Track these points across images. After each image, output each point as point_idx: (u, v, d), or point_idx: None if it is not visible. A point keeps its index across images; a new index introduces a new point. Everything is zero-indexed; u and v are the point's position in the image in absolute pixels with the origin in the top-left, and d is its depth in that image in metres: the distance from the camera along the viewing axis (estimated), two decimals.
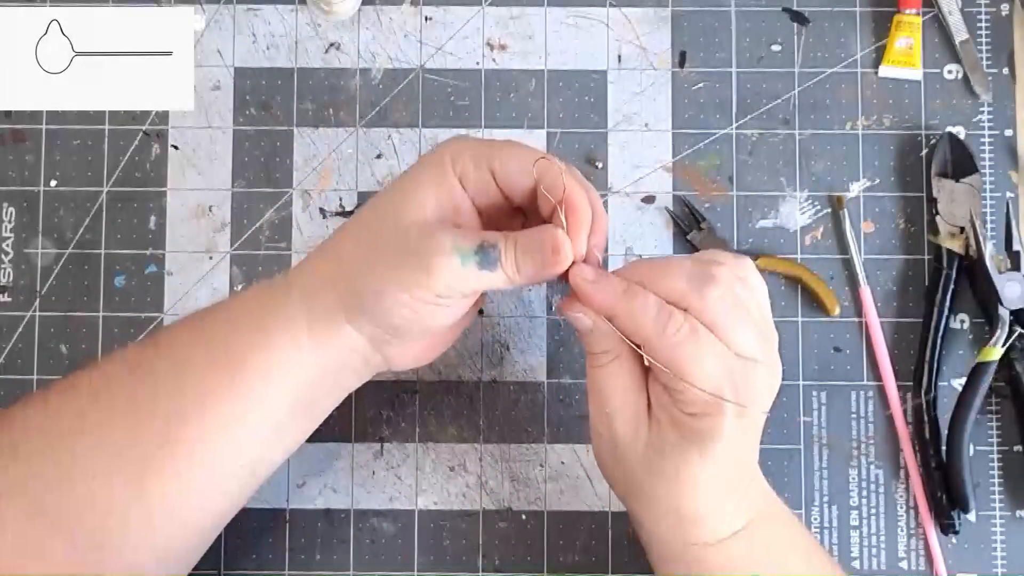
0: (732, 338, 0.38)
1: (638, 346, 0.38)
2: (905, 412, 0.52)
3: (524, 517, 0.52)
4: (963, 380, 0.51)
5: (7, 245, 0.53)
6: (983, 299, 0.51)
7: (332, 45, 0.54)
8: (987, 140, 0.53)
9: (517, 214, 0.43)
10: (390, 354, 0.42)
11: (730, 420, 0.38)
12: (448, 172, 0.40)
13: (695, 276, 0.38)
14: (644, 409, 0.39)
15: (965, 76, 0.54)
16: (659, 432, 0.39)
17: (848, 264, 0.53)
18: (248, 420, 0.40)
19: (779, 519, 0.43)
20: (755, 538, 0.41)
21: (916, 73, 0.54)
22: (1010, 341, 0.50)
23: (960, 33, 0.53)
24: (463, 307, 0.40)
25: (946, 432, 0.51)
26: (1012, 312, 0.50)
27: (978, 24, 0.54)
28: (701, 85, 0.54)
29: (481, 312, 0.53)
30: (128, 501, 0.39)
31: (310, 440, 0.45)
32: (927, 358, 0.51)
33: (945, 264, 0.52)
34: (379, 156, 0.54)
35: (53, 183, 0.54)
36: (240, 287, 0.53)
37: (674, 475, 0.39)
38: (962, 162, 0.52)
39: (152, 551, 0.40)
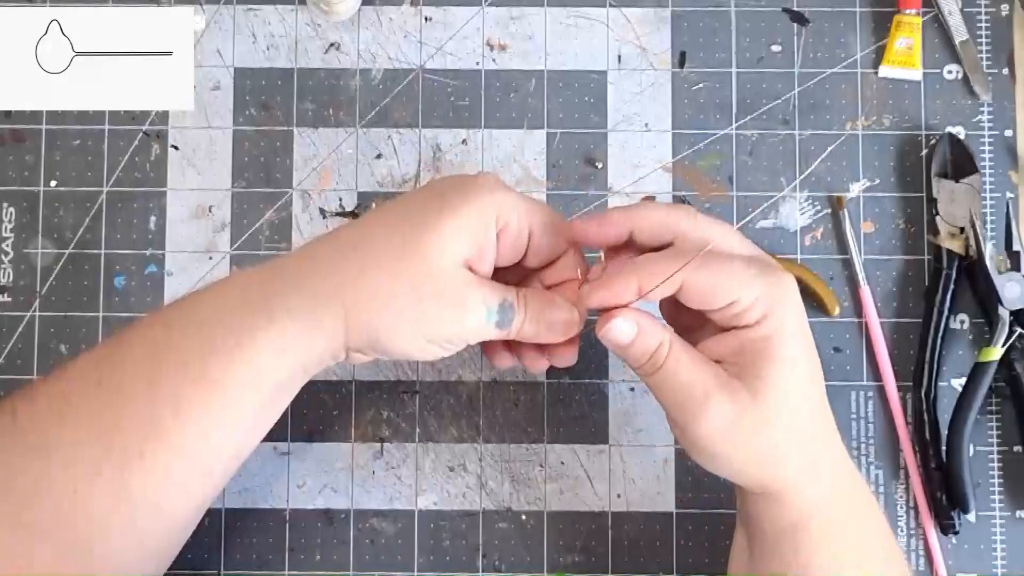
0: (730, 245, 0.39)
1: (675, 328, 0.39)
2: (905, 412, 0.52)
3: (524, 517, 0.52)
4: (963, 380, 0.51)
5: (7, 245, 0.53)
6: (983, 299, 0.51)
7: (332, 45, 0.54)
8: (987, 140, 0.53)
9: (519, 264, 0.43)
10: (362, 359, 0.41)
11: (789, 304, 0.38)
12: (493, 227, 0.39)
13: (672, 205, 0.40)
14: (724, 372, 0.38)
15: (965, 76, 0.54)
16: (751, 373, 0.38)
17: (848, 264, 0.53)
18: (227, 423, 0.39)
19: (866, 488, 0.44)
20: (864, 496, 0.42)
21: (916, 73, 0.54)
22: (1010, 341, 0.50)
23: (960, 33, 0.53)
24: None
25: (946, 432, 0.51)
26: (1012, 312, 0.50)
27: (978, 24, 0.54)
28: (701, 85, 0.54)
29: None
30: (110, 509, 0.38)
31: (310, 440, 0.45)
32: (927, 358, 0.51)
33: (945, 264, 0.52)
34: (379, 156, 0.54)
35: (53, 183, 0.54)
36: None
37: (784, 398, 0.38)
38: (962, 162, 0.52)
39: (138, 549, 0.40)
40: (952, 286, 0.51)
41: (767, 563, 0.41)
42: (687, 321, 0.41)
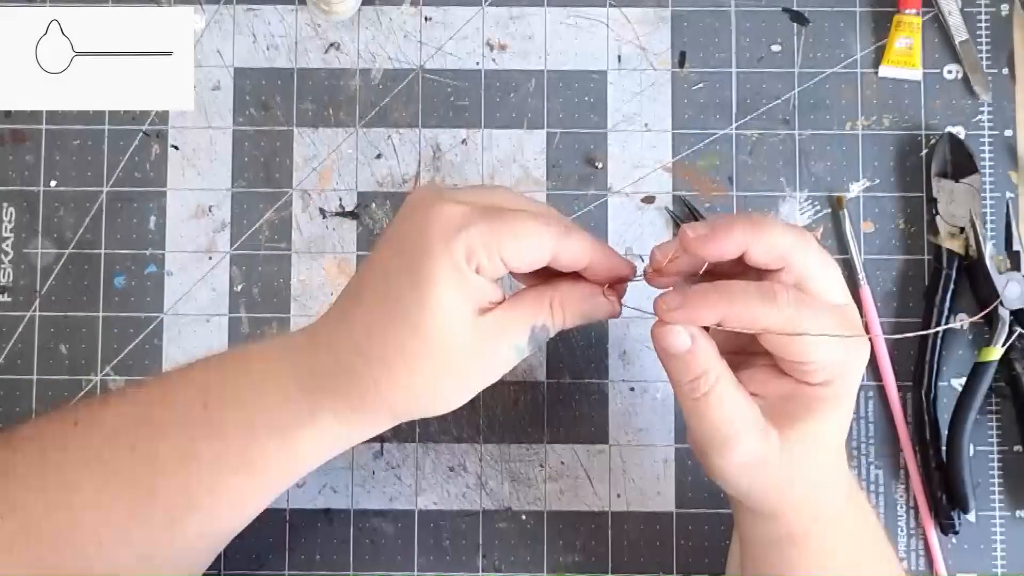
0: (829, 287, 0.37)
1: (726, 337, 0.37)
2: (905, 412, 0.52)
3: (524, 517, 0.52)
4: (963, 380, 0.51)
5: (7, 245, 0.53)
6: (983, 299, 0.51)
7: (332, 45, 0.54)
8: (987, 140, 0.53)
9: None
10: None
11: (857, 369, 0.37)
12: (467, 275, 0.36)
13: (793, 230, 0.37)
14: (761, 416, 0.37)
15: (965, 76, 0.54)
16: (790, 421, 0.37)
17: (848, 264, 0.53)
18: (262, 499, 0.41)
19: (861, 492, 0.43)
20: (860, 502, 0.42)
21: (916, 73, 0.54)
22: (1010, 341, 0.50)
23: (960, 33, 0.53)
24: None
25: (946, 432, 0.51)
26: (1012, 312, 0.50)
27: (978, 24, 0.54)
28: (701, 85, 0.54)
29: None
30: (134, 564, 0.39)
31: None
32: (927, 358, 0.51)
33: (945, 264, 0.52)
34: (379, 156, 0.54)
35: (53, 183, 0.54)
36: (240, 287, 0.53)
37: (814, 449, 0.37)
38: (962, 162, 0.52)
39: None
40: (952, 286, 0.51)
41: (756, 571, 0.42)
42: (739, 344, 0.40)
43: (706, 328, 0.37)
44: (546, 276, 0.40)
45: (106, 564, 0.39)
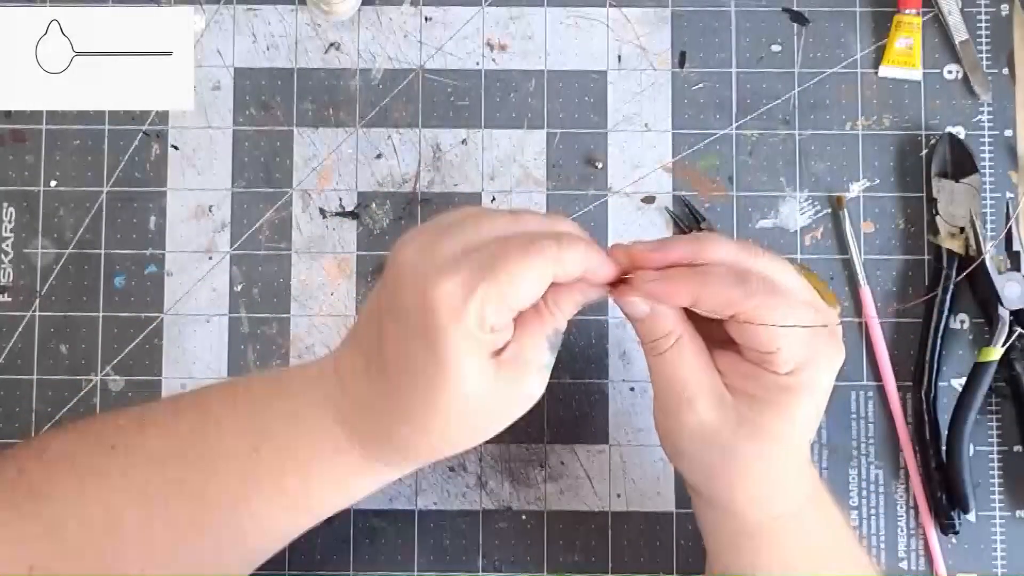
0: (793, 286, 0.37)
1: (702, 324, 0.38)
2: (905, 412, 0.52)
3: (524, 517, 0.52)
4: (963, 380, 0.51)
5: (7, 245, 0.53)
6: (983, 299, 0.51)
7: (332, 45, 0.54)
8: (987, 140, 0.53)
9: None
10: None
11: (826, 365, 0.37)
12: (484, 338, 0.35)
13: (739, 244, 0.38)
14: (722, 385, 0.38)
15: (965, 76, 0.54)
16: (750, 403, 0.37)
17: (848, 264, 0.53)
18: (305, 528, 0.42)
19: (828, 494, 0.43)
20: (823, 503, 0.42)
21: (916, 73, 0.54)
22: (1010, 341, 0.50)
23: (960, 33, 0.53)
24: None
25: (946, 432, 0.51)
26: (1012, 312, 0.50)
27: (978, 24, 0.54)
28: (701, 85, 0.54)
29: None
30: None
31: None
32: (927, 358, 0.51)
33: (945, 264, 0.52)
34: (379, 156, 0.54)
35: (53, 183, 0.54)
36: (240, 287, 0.53)
37: (773, 440, 0.37)
38: (962, 162, 0.52)
39: None
40: (952, 286, 0.51)
41: (717, 564, 0.42)
42: (709, 333, 0.40)
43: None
44: None
45: None
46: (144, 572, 0.39)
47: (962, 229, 0.52)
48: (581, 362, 0.52)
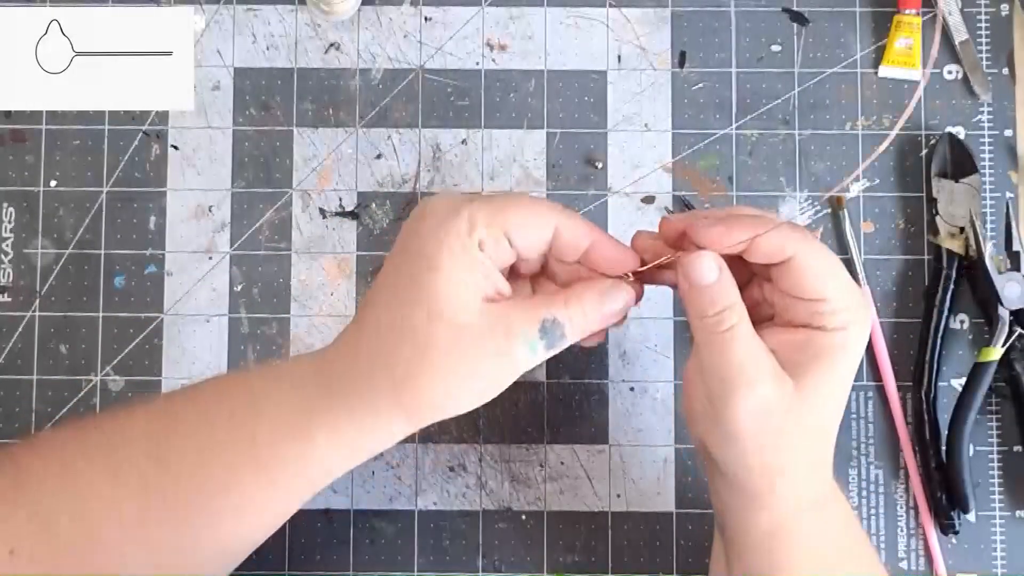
0: (834, 273, 0.39)
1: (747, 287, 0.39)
2: (905, 412, 0.52)
3: (524, 517, 0.52)
4: (963, 380, 0.51)
5: (7, 245, 0.53)
6: (983, 299, 0.51)
7: (332, 45, 0.54)
8: (987, 140, 0.53)
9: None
10: None
11: (864, 320, 0.38)
12: (474, 253, 0.37)
13: (794, 225, 0.39)
14: (776, 361, 0.38)
15: (965, 76, 0.54)
16: (803, 372, 0.38)
17: (848, 264, 0.53)
18: (279, 510, 0.41)
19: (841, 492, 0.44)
20: (841, 499, 0.42)
21: (916, 73, 0.54)
22: (1010, 341, 0.50)
23: (960, 33, 0.53)
24: None
25: (946, 432, 0.51)
26: (1012, 312, 0.50)
27: (978, 24, 0.54)
28: (701, 85, 0.54)
29: None
30: (151, 573, 0.40)
31: None
32: (927, 358, 0.51)
33: (945, 264, 0.52)
34: (379, 156, 0.54)
35: (53, 183, 0.54)
36: (240, 287, 0.53)
37: (824, 406, 0.38)
38: (962, 162, 0.52)
39: None
40: (952, 286, 0.51)
41: (738, 566, 0.41)
42: (749, 299, 0.40)
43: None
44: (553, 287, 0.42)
45: (122, 570, 0.39)
46: (117, 549, 0.39)
47: (962, 229, 0.52)
48: (581, 362, 0.53)
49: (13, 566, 0.38)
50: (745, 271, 0.41)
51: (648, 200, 0.53)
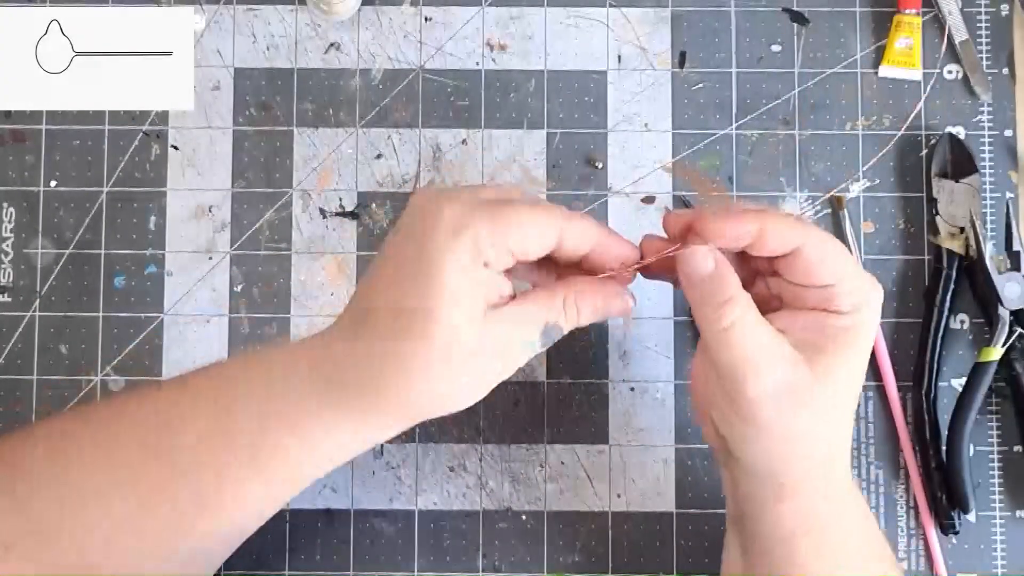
0: (844, 260, 0.39)
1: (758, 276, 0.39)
2: (905, 412, 0.52)
3: (524, 517, 0.52)
4: (963, 380, 0.51)
5: (7, 245, 0.53)
6: (983, 299, 0.51)
7: (332, 45, 0.54)
8: (987, 140, 0.53)
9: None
10: None
11: (876, 300, 0.38)
12: (477, 270, 0.36)
13: (800, 220, 0.39)
14: (789, 345, 0.38)
15: (965, 76, 0.54)
16: (819, 353, 0.38)
17: None
18: (274, 501, 0.41)
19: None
20: (859, 495, 0.42)
21: (916, 73, 0.54)
22: (1010, 341, 0.50)
23: (960, 33, 0.53)
24: None
25: (946, 432, 0.51)
26: (1012, 312, 0.50)
27: (978, 24, 0.54)
28: (701, 85, 0.54)
29: None
30: (143, 566, 0.40)
31: None
32: (927, 358, 0.51)
33: (945, 264, 0.52)
34: (379, 156, 0.54)
35: (53, 183, 0.54)
36: (240, 287, 0.53)
37: (843, 387, 0.38)
38: (962, 162, 0.52)
39: None
40: (952, 286, 0.51)
41: (760, 565, 0.41)
42: (758, 297, 0.40)
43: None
44: (554, 276, 0.42)
45: (114, 563, 0.39)
46: (109, 542, 0.39)
47: (962, 229, 0.52)
48: (581, 362, 0.53)
49: (8, 562, 0.38)
50: (748, 269, 0.41)
51: (648, 200, 0.53)
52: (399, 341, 0.36)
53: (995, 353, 0.50)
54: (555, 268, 0.42)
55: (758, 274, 0.41)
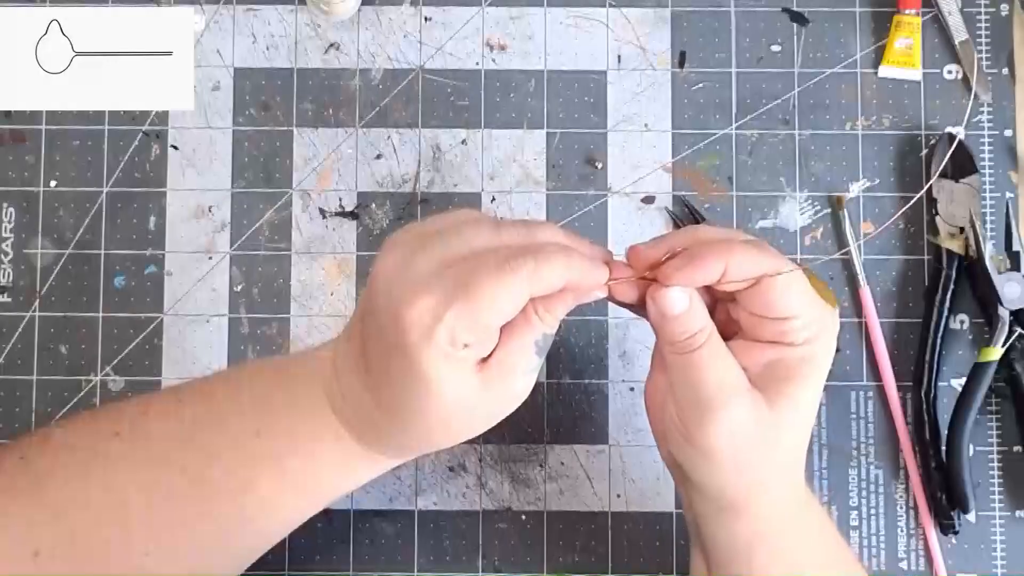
0: (802, 290, 0.39)
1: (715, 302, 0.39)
2: (905, 412, 0.52)
3: (524, 517, 0.52)
4: (963, 380, 0.51)
5: (7, 245, 0.53)
6: (983, 299, 0.51)
7: (332, 45, 0.54)
8: (987, 140, 0.53)
9: None
10: None
11: (832, 329, 0.38)
12: (458, 355, 0.35)
13: (723, 228, 0.39)
14: (746, 379, 0.38)
15: (965, 76, 0.54)
16: (775, 386, 0.38)
17: (848, 264, 0.53)
18: (308, 517, 0.42)
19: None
20: (815, 502, 0.43)
21: (916, 73, 0.54)
22: (1010, 341, 0.50)
23: (960, 33, 0.53)
24: None
25: (946, 432, 0.51)
26: (1012, 312, 0.50)
27: (978, 24, 0.54)
28: (701, 85, 0.54)
29: None
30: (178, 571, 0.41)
31: None
32: (927, 358, 0.51)
33: (945, 264, 0.52)
34: (379, 156, 0.54)
35: (53, 183, 0.54)
36: (240, 287, 0.53)
37: (799, 416, 0.38)
38: (962, 162, 0.52)
39: None
40: (952, 286, 0.51)
41: (724, 574, 0.42)
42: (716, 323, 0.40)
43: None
44: None
45: (145, 569, 0.39)
46: (149, 556, 0.39)
47: (962, 229, 0.52)
48: (581, 362, 0.53)
49: (38, 567, 0.38)
50: (710, 294, 0.41)
51: (648, 200, 0.53)
52: (396, 405, 0.37)
53: (995, 353, 0.50)
54: None
55: (717, 300, 0.41)
